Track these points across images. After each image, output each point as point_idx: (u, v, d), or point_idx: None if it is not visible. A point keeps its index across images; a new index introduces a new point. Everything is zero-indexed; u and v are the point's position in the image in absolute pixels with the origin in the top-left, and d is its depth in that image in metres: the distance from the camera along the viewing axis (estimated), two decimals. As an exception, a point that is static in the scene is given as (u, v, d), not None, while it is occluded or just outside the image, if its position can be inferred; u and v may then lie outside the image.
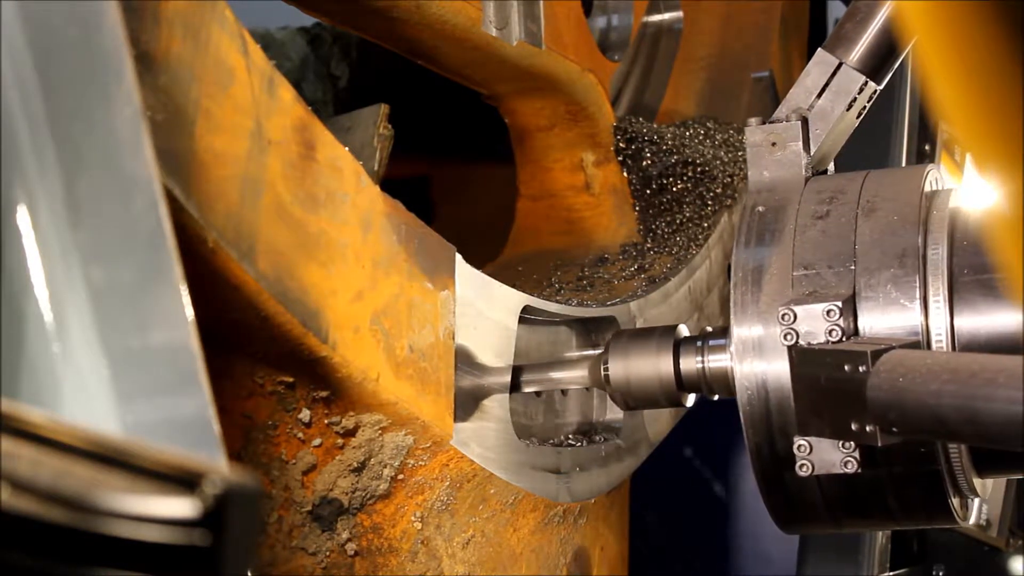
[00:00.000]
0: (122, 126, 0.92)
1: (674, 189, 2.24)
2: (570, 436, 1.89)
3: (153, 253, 0.91)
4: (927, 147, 2.45)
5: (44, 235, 0.90)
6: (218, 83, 1.16)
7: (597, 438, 1.91)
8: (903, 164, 2.37)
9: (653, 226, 2.23)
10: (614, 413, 1.92)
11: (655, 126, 2.33)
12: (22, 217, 0.90)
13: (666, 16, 2.60)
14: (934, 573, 2.49)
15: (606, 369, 1.59)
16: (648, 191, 2.24)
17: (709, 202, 2.23)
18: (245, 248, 1.19)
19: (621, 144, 2.23)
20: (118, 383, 0.89)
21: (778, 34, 2.63)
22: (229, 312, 1.25)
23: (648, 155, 2.23)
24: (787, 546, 2.54)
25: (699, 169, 2.23)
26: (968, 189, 2.49)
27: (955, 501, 1.38)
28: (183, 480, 0.68)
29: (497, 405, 1.62)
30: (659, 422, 2.05)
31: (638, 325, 1.94)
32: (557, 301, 1.86)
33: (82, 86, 0.92)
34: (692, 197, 2.23)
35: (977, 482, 1.39)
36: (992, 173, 0.70)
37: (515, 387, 1.67)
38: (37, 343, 0.89)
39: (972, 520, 1.40)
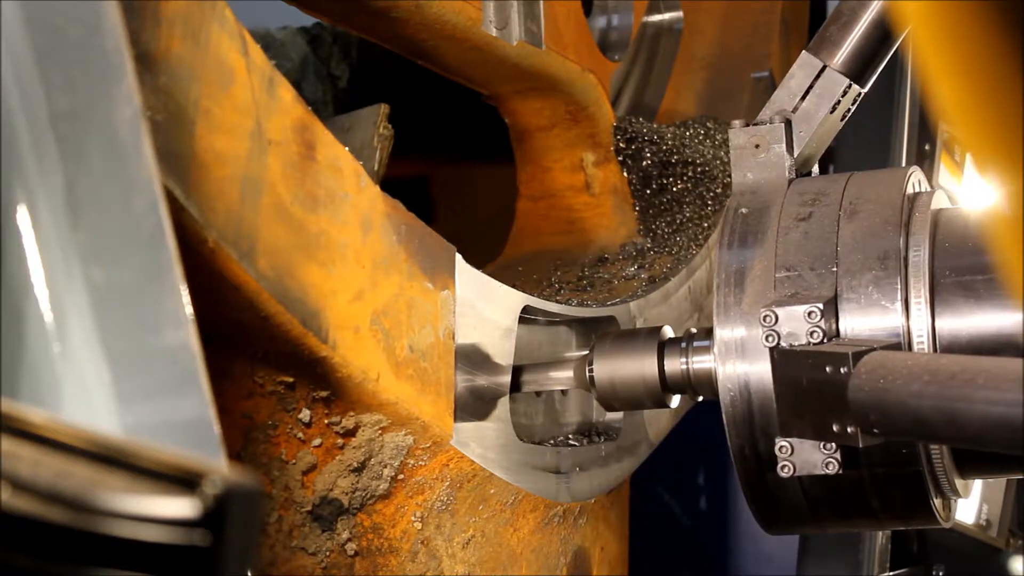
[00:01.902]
0: (122, 126, 0.92)
1: (674, 189, 2.24)
2: (570, 436, 1.89)
3: (153, 253, 0.91)
4: (927, 147, 2.45)
5: (44, 235, 0.90)
6: (218, 83, 1.16)
7: (597, 438, 1.91)
8: (903, 164, 2.37)
9: (653, 226, 2.23)
10: (614, 413, 1.92)
11: (655, 126, 2.33)
12: (22, 217, 0.90)
13: (666, 16, 2.60)
14: (934, 573, 2.49)
15: (591, 371, 1.60)
16: (648, 191, 2.24)
17: (709, 202, 2.23)
18: (245, 248, 1.19)
19: (621, 144, 2.23)
20: (118, 383, 0.89)
21: (778, 34, 2.63)
22: (229, 312, 1.25)
23: (648, 155, 2.23)
24: (787, 546, 2.54)
25: (699, 169, 2.23)
26: (965, 189, 2.50)
27: (937, 502, 1.39)
28: (183, 480, 0.68)
29: (497, 405, 1.62)
30: (659, 422, 2.05)
31: (638, 325, 1.94)
32: (557, 301, 1.86)
33: (82, 86, 0.92)
34: (692, 197, 2.23)
35: (959, 483, 1.40)
36: (992, 173, 0.70)
37: (515, 387, 1.67)
38: (37, 343, 0.89)
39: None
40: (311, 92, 2.46)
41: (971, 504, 2.46)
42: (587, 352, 1.64)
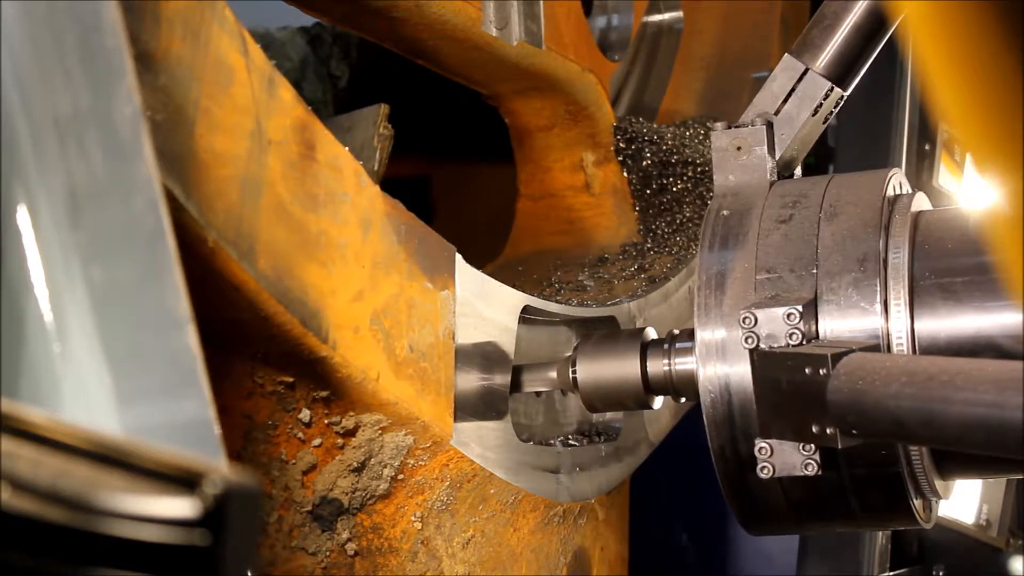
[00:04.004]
0: (122, 126, 0.92)
1: (674, 189, 2.24)
2: (570, 436, 1.89)
3: (153, 253, 0.91)
4: (927, 147, 2.45)
5: (44, 235, 0.90)
6: (218, 83, 1.16)
7: (597, 438, 1.91)
8: (903, 164, 2.37)
9: (653, 226, 2.23)
10: (615, 413, 1.92)
11: (655, 126, 2.33)
12: (22, 217, 0.90)
13: (666, 16, 2.60)
14: (934, 573, 2.49)
15: (574, 372, 1.60)
16: (648, 191, 2.24)
17: (709, 202, 2.23)
18: (245, 248, 1.19)
19: (621, 144, 2.23)
20: (118, 383, 0.89)
21: (778, 34, 2.63)
22: (229, 312, 1.25)
23: (648, 155, 2.23)
24: (787, 546, 2.54)
25: (699, 169, 2.23)
26: (965, 189, 2.49)
27: (917, 503, 1.39)
28: (183, 480, 0.68)
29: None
30: (659, 422, 2.05)
31: (638, 325, 1.94)
32: (557, 301, 1.86)
33: (82, 86, 0.92)
34: (692, 197, 2.23)
35: (939, 484, 1.40)
36: (992, 173, 0.70)
37: (515, 387, 1.67)
38: (37, 343, 0.89)
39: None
40: (311, 92, 2.46)
41: (971, 504, 2.46)
42: (570, 353, 1.64)
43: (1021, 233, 0.70)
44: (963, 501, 2.46)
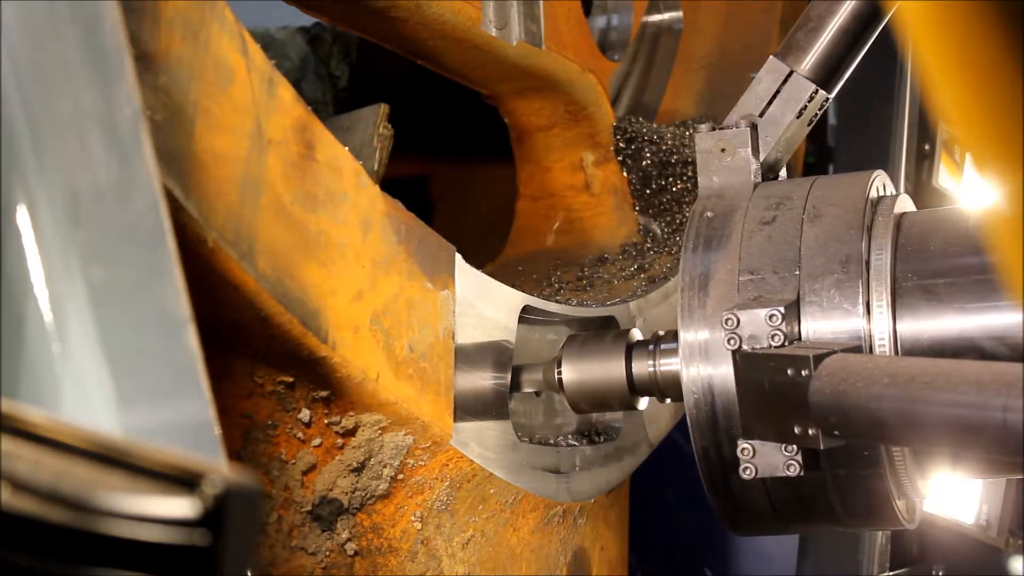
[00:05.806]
0: (122, 126, 0.92)
1: (674, 189, 2.24)
2: (570, 436, 1.89)
3: (153, 253, 0.91)
4: (927, 147, 2.45)
5: (44, 235, 0.90)
6: (218, 83, 1.16)
7: (597, 438, 1.91)
8: (903, 164, 2.37)
9: (653, 226, 2.23)
10: (614, 413, 1.92)
11: (655, 126, 2.33)
12: (22, 217, 0.90)
13: (666, 16, 2.60)
14: (934, 573, 2.49)
15: (559, 373, 1.61)
16: (648, 191, 2.24)
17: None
18: (245, 248, 1.19)
19: (621, 144, 2.23)
20: (118, 383, 0.89)
21: (778, 34, 2.63)
22: (229, 312, 1.25)
23: (648, 155, 2.23)
24: (787, 545, 2.54)
25: (699, 169, 2.23)
26: (965, 189, 2.49)
27: (900, 504, 1.39)
28: (183, 480, 0.68)
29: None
30: (659, 422, 2.05)
31: (638, 325, 1.94)
32: (557, 301, 1.86)
33: (82, 86, 0.92)
34: (692, 197, 2.23)
35: (922, 484, 1.40)
36: (992, 173, 0.70)
37: (515, 387, 1.67)
38: (37, 343, 0.89)
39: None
40: (311, 92, 2.46)
41: (971, 504, 2.46)
42: (556, 354, 1.65)
43: (1020, 234, 0.70)
44: (963, 501, 2.46)
